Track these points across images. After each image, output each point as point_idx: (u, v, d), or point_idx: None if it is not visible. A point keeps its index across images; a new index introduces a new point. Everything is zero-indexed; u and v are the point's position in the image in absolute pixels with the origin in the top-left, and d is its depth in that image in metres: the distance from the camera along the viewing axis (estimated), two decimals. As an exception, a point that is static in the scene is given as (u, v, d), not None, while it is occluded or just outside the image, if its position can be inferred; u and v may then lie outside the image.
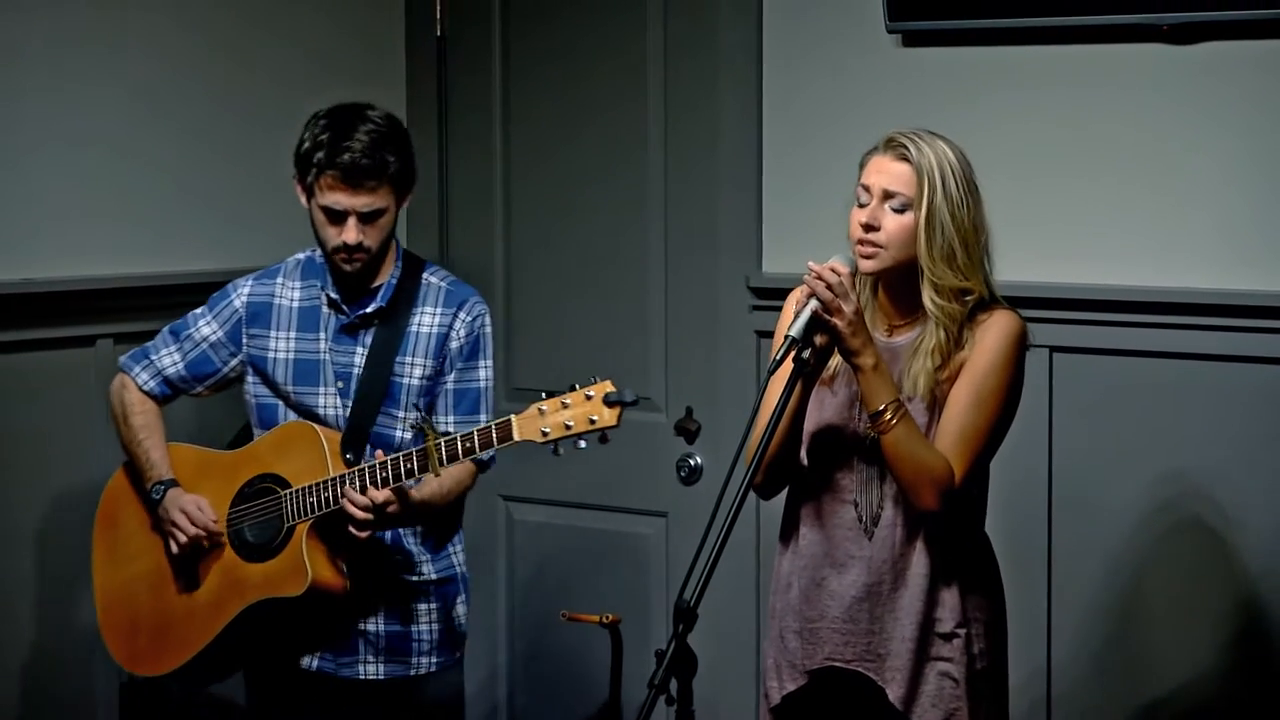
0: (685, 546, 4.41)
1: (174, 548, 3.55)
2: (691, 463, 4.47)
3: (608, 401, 3.22)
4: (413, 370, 3.56)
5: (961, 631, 3.15)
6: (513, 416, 3.28)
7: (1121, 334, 3.90)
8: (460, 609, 3.69)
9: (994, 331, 3.13)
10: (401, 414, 3.56)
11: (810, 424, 3.18)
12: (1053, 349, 3.95)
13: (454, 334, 3.57)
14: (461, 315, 3.58)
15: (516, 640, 4.72)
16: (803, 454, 3.20)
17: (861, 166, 3.16)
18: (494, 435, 3.29)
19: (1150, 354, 3.88)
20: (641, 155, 4.52)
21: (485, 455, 3.40)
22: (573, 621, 4.29)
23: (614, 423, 3.22)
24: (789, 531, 3.25)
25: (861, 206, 3.12)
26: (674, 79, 4.47)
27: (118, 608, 3.66)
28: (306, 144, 3.50)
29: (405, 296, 3.58)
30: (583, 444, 3.26)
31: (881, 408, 3.04)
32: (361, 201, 3.45)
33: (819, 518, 3.20)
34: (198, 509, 3.53)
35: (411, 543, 3.61)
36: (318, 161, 3.46)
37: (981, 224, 3.13)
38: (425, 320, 3.58)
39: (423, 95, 4.79)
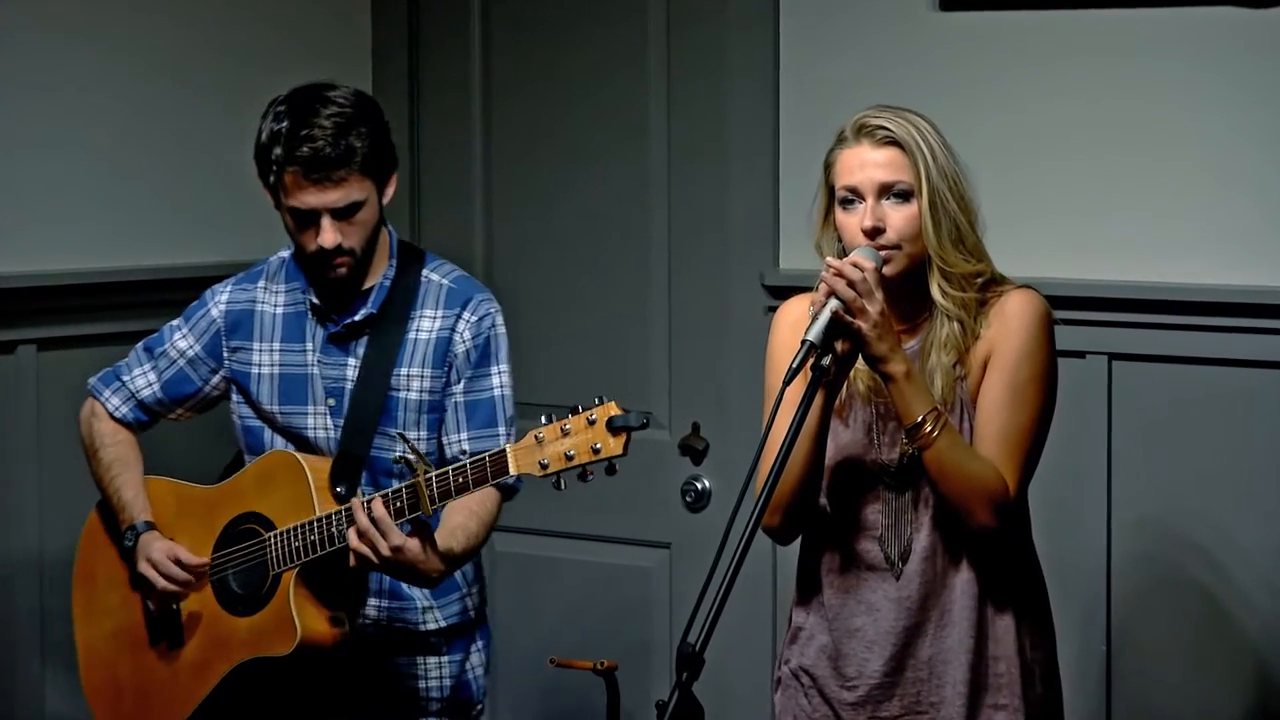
0: (691, 582, 4.36)
1: (149, 604, 3.52)
2: (698, 486, 4.47)
3: (611, 427, 3.12)
4: (411, 382, 3.50)
5: (1015, 671, 3.13)
6: (508, 446, 3.20)
7: (1190, 339, 3.89)
8: (475, 660, 3.63)
9: (1016, 314, 3.10)
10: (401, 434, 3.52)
11: (826, 460, 3.15)
12: (1111, 356, 3.94)
13: (458, 338, 3.51)
14: (466, 316, 3.51)
15: (498, 689, 4.64)
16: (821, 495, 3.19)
17: (829, 167, 3.13)
18: (487, 469, 3.21)
19: (1223, 361, 3.86)
20: (641, 136, 4.51)
21: (496, 486, 3.31)
22: (562, 668, 4.26)
23: (620, 451, 3.11)
24: (808, 585, 3.23)
25: (849, 211, 3.10)
26: (678, 48, 4.46)
27: (99, 669, 3.63)
28: (264, 138, 3.42)
29: (402, 298, 3.51)
30: (589, 476, 3.17)
31: (920, 419, 3.02)
32: (332, 197, 3.38)
33: (845, 565, 3.18)
34: (167, 558, 3.46)
35: (411, 585, 3.53)
36: (276, 158, 3.38)
37: (972, 192, 3.12)
38: (425, 325, 3.51)
39: (391, 69, 4.77)
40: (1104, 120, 3.98)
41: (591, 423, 3.13)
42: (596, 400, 3.15)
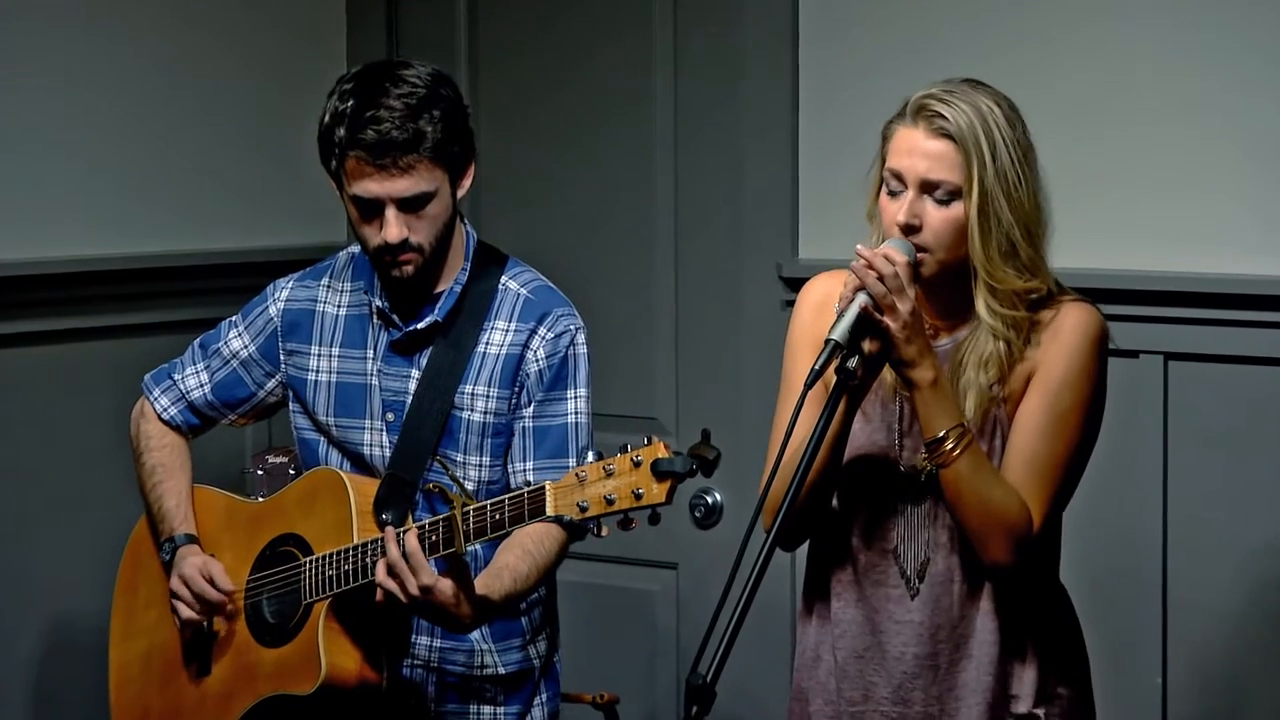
0: (700, 606, 4.41)
1: (177, 623, 3.51)
2: (708, 500, 4.49)
3: (656, 471, 3.06)
4: (475, 401, 3.45)
5: (1040, 712, 3.10)
6: (548, 483, 3.16)
7: (1254, 336, 3.88)
8: (537, 715, 3.59)
9: (1067, 333, 3.07)
10: (461, 458, 3.45)
11: None
12: (1168, 355, 3.94)
13: (531, 355, 3.45)
14: (541, 332, 3.46)
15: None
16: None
17: (885, 140, 3.09)
18: (525, 506, 3.17)
19: (1292, 362, 3.87)
20: (644, 108, 4.53)
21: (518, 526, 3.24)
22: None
23: (664, 499, 3.05)
24: (816, 597, 3.22)
25: (892, 195, 3.06)
26: (686, 13, 4.48)
27: (129, 690, 3.64)
28: (327, 118, 3.37)
29: (474, 306, 3.46)
30: (633, 525, 3.12)
31: (941, 434, 2.99)
32: (399, 186, 3.32)
33: (855, 577, 3.16)
34: (200, 575, 3.46)
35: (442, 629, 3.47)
36: (339, 140, 3.33)
37: (1042, 198, 3.07)
38: (495, 338, 3.47)
39: (367, 39, 4.81)
40: (1158, 93, 3.98)
41: (636, 464, 3.08)
42: (645, 440, 3.09)
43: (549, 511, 3.13)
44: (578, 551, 4.60)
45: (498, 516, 3.18)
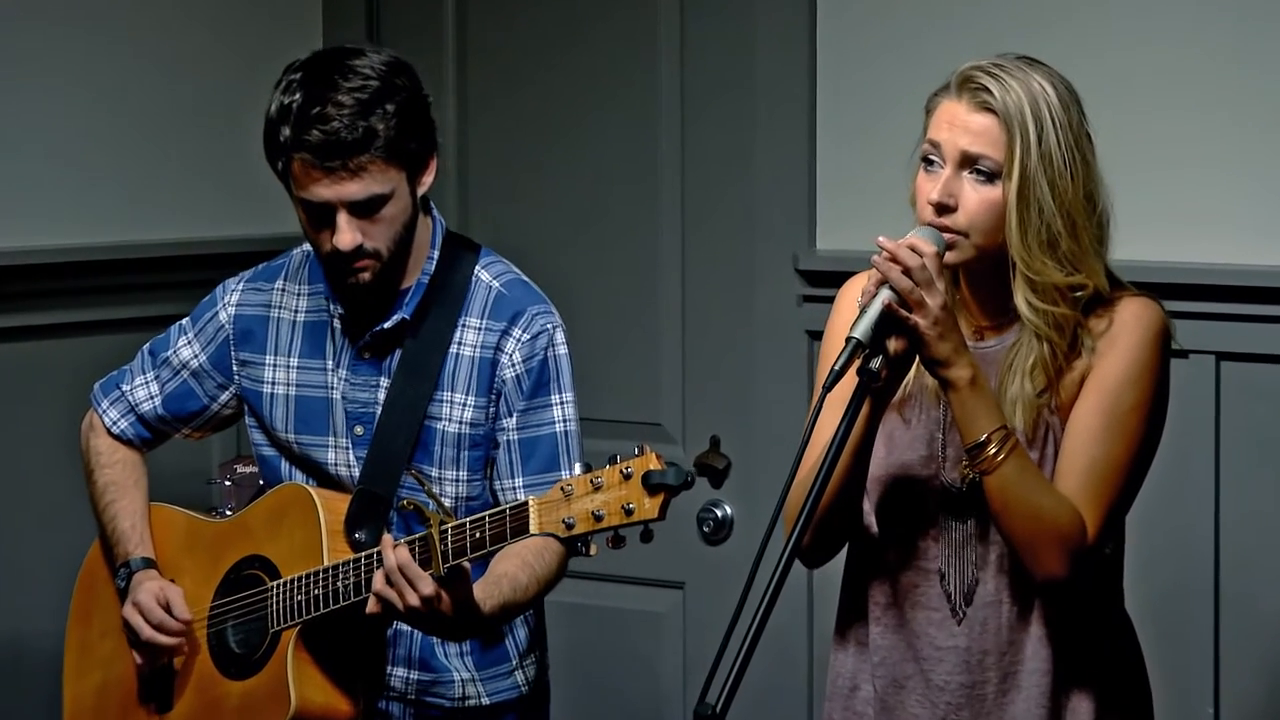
0: (709, 629, 4.35)
1: (135, 655, 3.48)
2: (718, 514, 4.43)
3: (648, 484, 3.05)
4: (451, 410, 3.42)
5: (1097, 752, 3.04)
6: (531, 500, 3.13)
7: (1317, 334, 3.85)
8: None
9: (1126, 331, 3.04)
10: (437, 473, 3.41)
11: (877, 467, 3.09)
12: (1220, 355, 3.94)
13: (506, 360, 3.41)
14: (515, 333, 3.41)
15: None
16: (867, 509, 3.12)
17: (929, 113, 3.05)
18: (506, 524, 3.14)
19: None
20: (648, 86, 4.52)
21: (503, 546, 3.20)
22: (555, 732, 4.16)
23: (655, 515, 3.05)
24: (851, 621, 3.19)
25: (929, 170, 3.01)
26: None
27: None
28: (272, 111, 3.32)
29: (446, 299, 3.42)
30: (622, 543, 3.11)
31: (982, 438, 2.95)
32: (350, 190, 3.28)
33: (894, 599, 3.12)
34: (156, 602, 3.42)
35: (450, 651, 3.47)
36: (284, 140, 3.28)
37: (1095, 189, 3.03)
38: (469, 337, 3.43)
39: (345, 15, 4.81)
40: (1201, 66, 3.98)
41: (626, 476, 3.07)
42: (635, 450, 3.07)
43: (532, 529, 3.10)
44: (575, 570, 4.53)
45: (478, 535, 3.14)
